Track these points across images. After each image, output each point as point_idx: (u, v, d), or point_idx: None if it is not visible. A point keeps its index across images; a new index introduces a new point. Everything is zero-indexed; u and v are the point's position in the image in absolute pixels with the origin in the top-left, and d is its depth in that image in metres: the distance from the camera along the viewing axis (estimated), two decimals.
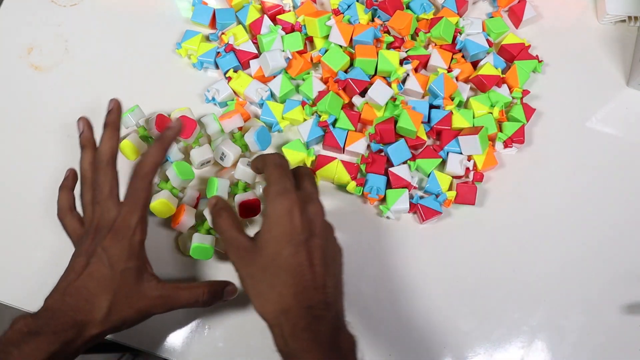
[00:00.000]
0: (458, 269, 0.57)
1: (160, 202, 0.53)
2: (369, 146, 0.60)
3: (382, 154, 0.59)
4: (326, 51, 0.61)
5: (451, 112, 0.59)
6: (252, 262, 0.41)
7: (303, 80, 0.63)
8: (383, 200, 0.58)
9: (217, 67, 0.64)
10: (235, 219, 0.44)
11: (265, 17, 0.64)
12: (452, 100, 0.60)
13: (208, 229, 0.55)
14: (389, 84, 0.60)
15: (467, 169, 0.58)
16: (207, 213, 0.55)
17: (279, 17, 0.64)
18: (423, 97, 0.62)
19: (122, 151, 0.57)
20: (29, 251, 0.57)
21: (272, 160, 0.45)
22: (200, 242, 0.53)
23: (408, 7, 0.64)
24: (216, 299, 0.48)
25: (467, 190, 0.57)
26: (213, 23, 0.66)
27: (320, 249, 0.41)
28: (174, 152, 0.58)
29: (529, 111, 0.61)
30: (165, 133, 0.47)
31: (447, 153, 0.58)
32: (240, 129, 0.60)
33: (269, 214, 0.41)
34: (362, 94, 0.61)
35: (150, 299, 0.45)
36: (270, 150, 0.61)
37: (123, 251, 0.44)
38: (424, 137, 0.59)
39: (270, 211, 0.41)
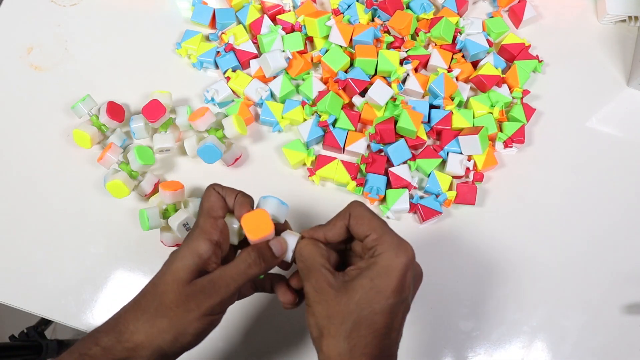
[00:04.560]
0: (458, 269, 0.57)
1: (115, 184, 0.54)
2: (369, 146, 0.60)
3: (382, 154, 0.59)
4: (326, 51, 0.61)
5: (451, 112, 0.59)
6: (333, 302, 0.37)
7: (303, 80, 0.63)
8: (383, 200, 0.58)
9: (216, 66, 0.64)
10: (320, 245, 0.40)
11: (265, 17, 0.64)
12: (452, 100, 0.60)
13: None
14: (389, 84, 0.60)
15: (467, 169, 0.58)
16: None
17: (279, 17, 0.64)
18: (423, 97, 0.62)
19: (75, 140, 0.58)
20: (29, 251, 0.57)
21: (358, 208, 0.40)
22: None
23: (408, 7, 0.64)
24: (268, 262, 0.40)
25: (467, 190, 0.57)
26: (213, 23, 0.66)
27: (406, 315, 0.39)
28: (140, 130, 0.59)
29: (529, 111, 0.61)
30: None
31: (447, 153, 0.58)
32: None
33: (381, 263, 0.37)
34: (362, 94, 0.61)
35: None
36: (267, 149, 0.61)
37: None
38: (424, 137, 0.59)
39: (386, 261, 0.37)
